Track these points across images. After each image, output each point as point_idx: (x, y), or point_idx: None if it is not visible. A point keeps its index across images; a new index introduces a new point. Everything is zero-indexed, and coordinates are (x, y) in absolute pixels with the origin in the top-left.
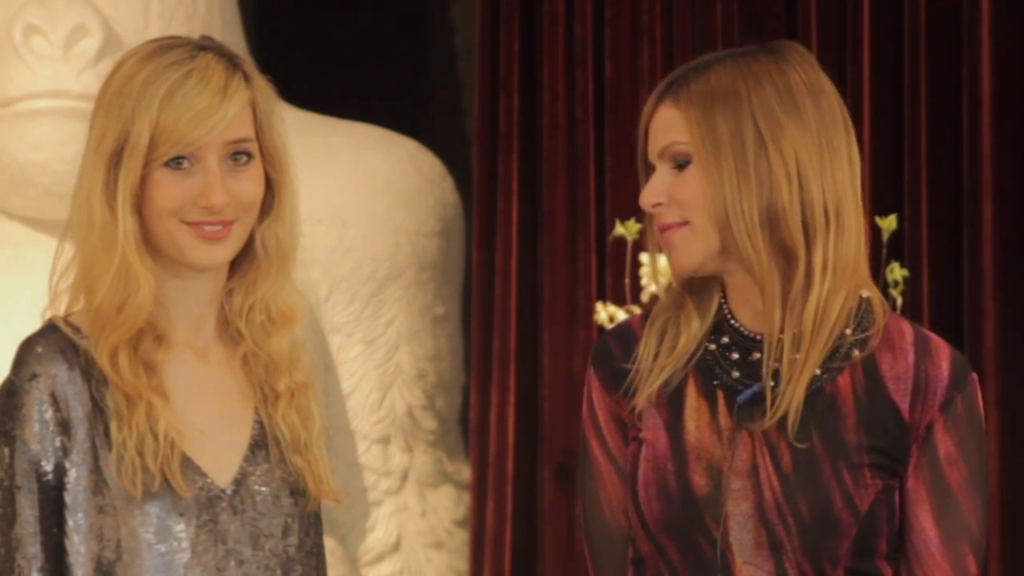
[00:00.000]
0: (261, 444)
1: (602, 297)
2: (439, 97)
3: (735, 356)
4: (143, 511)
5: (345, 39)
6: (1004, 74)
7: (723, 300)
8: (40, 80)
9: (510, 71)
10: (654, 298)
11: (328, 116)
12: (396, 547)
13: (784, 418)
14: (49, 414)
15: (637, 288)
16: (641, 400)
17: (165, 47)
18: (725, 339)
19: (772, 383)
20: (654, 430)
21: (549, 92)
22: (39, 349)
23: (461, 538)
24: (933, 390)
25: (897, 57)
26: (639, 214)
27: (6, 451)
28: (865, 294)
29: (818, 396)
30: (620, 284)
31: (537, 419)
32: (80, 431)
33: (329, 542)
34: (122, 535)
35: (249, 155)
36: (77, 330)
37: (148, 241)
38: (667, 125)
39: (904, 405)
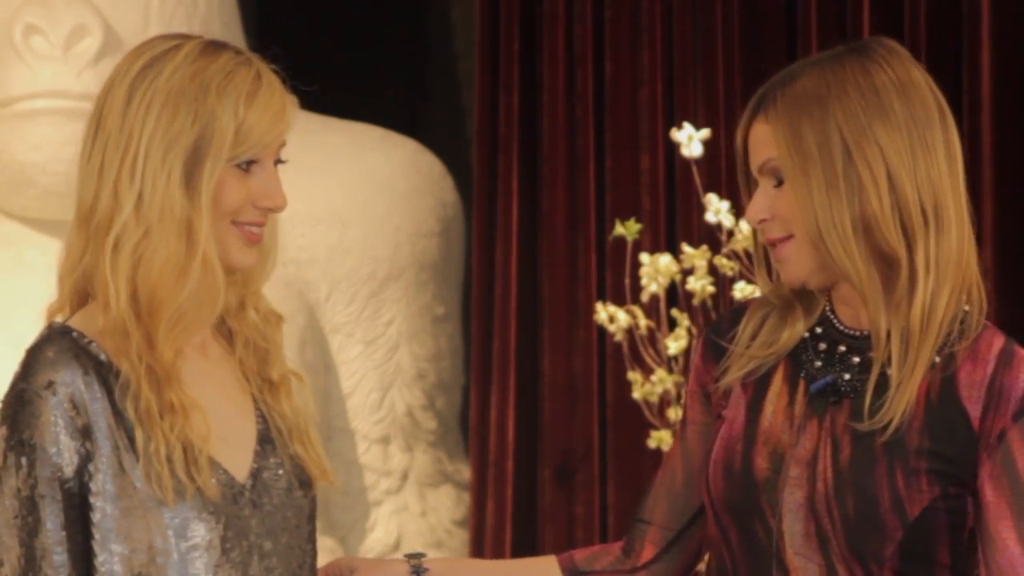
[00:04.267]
0: (267, 438)
1: (602, 297)
2: (439, 97)
3: (822, 347)
4: (173, 512)
5: (345, 39)
6: (1004, 74)
7: (827, 298)
8: (40, 80)
9: (510, 71)
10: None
11: (328, 116)
12: (396, 547)
13: (857, 408)
14: (70, 421)
15: (637, 288)
16: (724, 383)
17: (215, 44)
18: (819, 329)
19: (848, 378)
20: (736, 409)
21: (549, 92)
22: (51, 355)
23: (461, 538)
24: (1006, 399)
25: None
26: (639, 214)
27: (24, 460)
28: (966, 307)
29: (882, 390)
30: (620, 284)
31: (537, 419)
32: (101, 435)
33: (329, 542)
34: (153, 537)
35: (281, 161)
36: (83, 335)
37: None
38: (761, 141)
39: (975, 413)
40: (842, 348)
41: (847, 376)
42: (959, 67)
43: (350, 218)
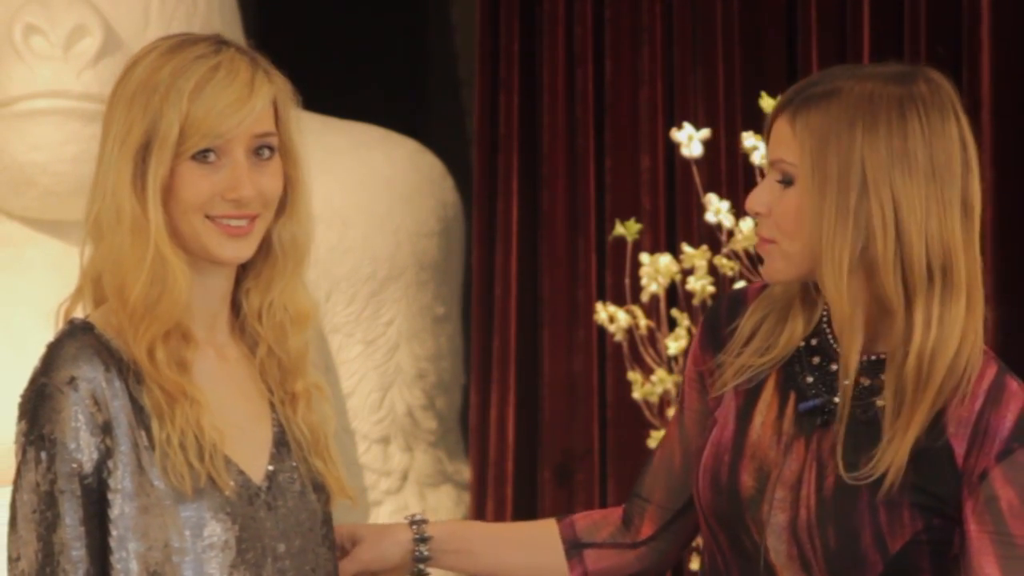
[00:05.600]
0: (283, 441)
1: (602, 297)
2: (439, 97)
3: (815, 360)
4: (190, 510)
5: (345, 39)
6: (1004, 75)
7: (825, 305)
8: (40, 80)
9: (510, 71)
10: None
11: (328, 116)
12: None
13: (846, 443)
14: (90, 417)
15: (637, 288)
16: (717, 392)
17: (187, 42)
18: (815, 341)
19: (838, 402)
20: (727, 412)
21: (549, 92)
22: (73, 351)
23: None
24: (991, 438)
25: (897, 58)
26: (639, 214)
27: (44, 455)
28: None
29: (876, 427)
30: (620, 284)
31: (537, 419)
32: (121, 432)
33: None
34: (169, 535)
35: (272, 149)
36: (103, 332)
37: (171, 236)
38: (781, 140)
39: (960, 450)
40: (834, 367)
41: (836, 399)
42: (959, 67)
43: (350, 218)
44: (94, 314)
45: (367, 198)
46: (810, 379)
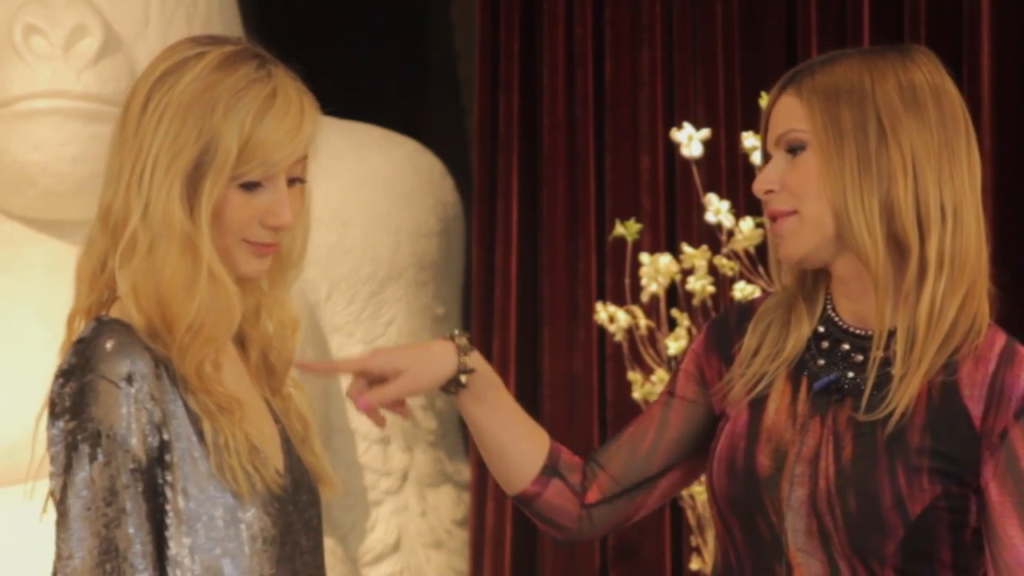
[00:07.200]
0: (286, 437)
1: (602, 297)
2: (439, 97)
3: (825, 344)
4: (242, 507)
5: (345, 39)
6: (1004, 74)
7: (828, 291)
8: (40, 80)
9: (510, 71)
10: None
11: (328, 116)
12: (396, 547)
13: (858, 404)
14: (147, 412)
15: (637, 288)
16: (730, 397)
17: (236, 56)
18: (821, 328)
19: (852, 376)
20: (738, 406)
21: (549, 92)
22: (117, 345)
23: (461, 538)
24: (1008, 398)
25: None
26: (639, 214)
27: (100, 452)
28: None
29: (889, 391)
30: (620, 284)
31: (537, 419)
32: (176, 426)
33: (329, 542)
34: (223, 530)
35: (304, 177)
36: (136, 329)
37: None
38: (786, 113)
39: (976, 412)
40: (845, 346)
41: (851, 374)
42: (959, 67)
43: (350, 218)
44: (115, 313)
45: (367, 198)
46: (821, 361)
